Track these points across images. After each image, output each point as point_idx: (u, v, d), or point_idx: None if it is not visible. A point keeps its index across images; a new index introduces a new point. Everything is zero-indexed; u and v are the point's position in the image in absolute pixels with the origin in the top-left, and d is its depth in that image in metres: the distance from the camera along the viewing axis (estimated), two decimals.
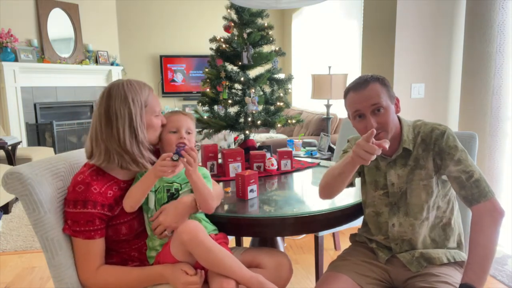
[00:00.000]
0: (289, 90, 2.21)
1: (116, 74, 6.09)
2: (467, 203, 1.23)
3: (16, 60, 4.69)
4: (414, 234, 1.31)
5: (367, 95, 1.25)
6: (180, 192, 1.30)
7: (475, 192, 1.21)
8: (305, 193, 1.59)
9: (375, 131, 1.10)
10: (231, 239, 1.44)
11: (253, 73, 2.14)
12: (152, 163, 1.25)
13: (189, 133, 1.36)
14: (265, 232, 1.41)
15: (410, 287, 1.28)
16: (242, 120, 2.09)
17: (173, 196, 1.30)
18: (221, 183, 1.73)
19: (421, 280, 1.26)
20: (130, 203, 1.23)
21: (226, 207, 1.44)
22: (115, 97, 1.22)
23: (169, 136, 1.34)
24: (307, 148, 3.53)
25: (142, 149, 1.25)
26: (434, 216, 1.31)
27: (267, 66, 2.18)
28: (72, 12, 5.48)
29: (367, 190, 1.40)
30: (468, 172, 1.22)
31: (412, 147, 1.29)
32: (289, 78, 2.21)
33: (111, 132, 1.21)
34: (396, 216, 1.33)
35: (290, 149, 2.04)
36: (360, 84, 1.28)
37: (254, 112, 2.02)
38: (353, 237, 1.52)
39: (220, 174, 1.85)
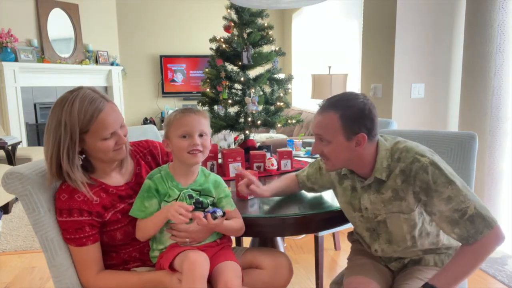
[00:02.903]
0: (289, 90, 2.22)
1: (116, 74, 6.10)
2: (463, 241, 1.12)
3: (16, 60, 4.68)
4: (401, 254, 1.29)
5: (317, 122, 1.20)
6: (201, 199, 1.26)
7: (470, 229, 1.10)
8: (305, 193, 1.59)
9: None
10: (232, 239, 1.43)
11: (253, 73, 2.15)
12: (88, 183, 1.19)
13: (202, 135, 1.23)
14: (265, 232, 1.41)
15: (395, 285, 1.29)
16: (242, 120, 2.09)
17: (198, 202, 1.25)
18: None
19: (398, 278, 1.28)
20: (144, 236, 1.23)
21: None
22: (52, 117, 1.14)
23: (180, 142, 1.21)
24: (307, 148, 3.52)
25: (69, 175, 1.15)
26: (429, 243, 1.26)
27: (267, 66, 2.18)
28: (72, 12, 5.48)
29: (346, 210, 1.34)
30: (461, 210, 1.10)
31: (386, 176, 1.18)
32: (289, 78, 2.21)
33: (44, 147, 1.17)
34: (377, 242, 1.30)
35: (290, 149, 2.04)
36: (321, 108, 1.20)
37: (254, 112, 2.02)
38: (350, 236, 1.52)
39: (220, 174, 1.84)
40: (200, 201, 1.25)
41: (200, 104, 2.19)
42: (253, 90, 2.04)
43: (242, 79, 2.08)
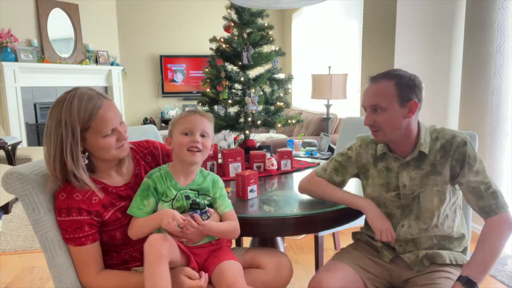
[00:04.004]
0: (289, 90, 2.22)
1: (116, 74, 6.10)
2: (484, 214, 1.24)
3: (16, 60, 4.68)
4: (420, 237, 1.31)
5: (372, 91, 1.27)
6: (198, 200, 1.25)
7: (492, 203, 1.22)
8: None
9: None
10: (231, 240, 1.43)
11: (253, 73, 2.15)
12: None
13: (203, 136, 1.25)
14: (265, 232, 1.41)
15: (410, 286, 1.28)
16: (242, 120, 2.09)
17: (195, 203, 1.24)
18: None
19: (422, 277, 1.27)
20: (136, 235, 1.20)
21: None
22: (52, 118, 1.15)
23: (181, 138, 1.23)
24: (307, 148, 3.53)
25: (74, 175, 1.15)
26: (446, 226, 1.30)
27: (267, 66, 2.18)
28: (72, 12, 5.48)
29: (377, 192, 1.36)
30: (487, 183, 1.23)
31: (429, 151, 1.27)
32: (289, 78, 2.21)
33: (45, 150, 1.17)
34: (407, 218, 1.32)
35: (290, 149, 2.04)
36: (373, 79, 1.29)
37: (254, 112, 2.02)
38: (355, 236, 1.51)
39: (220, 174, 1.84)
40: (197, 202, 1.25)
41: (200, 104, 2.19)
42: (253, 90, 2.04)
43: (242, 79, 2.08)
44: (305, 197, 1.55)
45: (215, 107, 2.16)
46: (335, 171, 1.45)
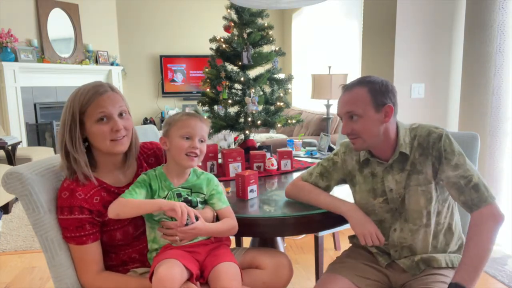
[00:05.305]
0: (289, 90, 2.21)
1: (116, 74, 6.10)
2: (467, 209, 1.21)
3: (16, 60, 4.69)
4: (414, 240, 1.29)
5: (346, 100, 1.27)
6: (190, 198, 1.26)
7: (474, 197, 1.19)
8: None
9: None
10: (231, 239, 1.43)
11: (253, 73, 2.14)
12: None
13: (202, 141, 1.27)
14: (265, 232, 1.41)
15: None
16: (242, 120, 2.09)
17: (187, 201, 1.25)
18: (221, 183, 1.73)
19: (417, 281, 1.26)
20: (117, 211, 1.17)
21: None
22: (64, 106, 1.22)
23: (180, 142, 1.24)
24: (307, 148, 3.53)
25: (74, 157, 1.17)
26: (435, 223, 1.28)
27: (267, 66, 2.18)
28: (72, 12, 5.49)
29: (365, 199, 1.35)
30: (467, 177, 1.19)
31: (409, 151, 1.26)
32: (289, 78, 2.21)
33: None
34: (398, 221, 1.30)
35: (290, 149, 2.04)
36: (348, 87, 1.28)
37: (254, 112, 2.02)
38: (351, 239, 1.50)
39: (220, 174, 1.85)
40: (188, 200, 1.26)
41: (200, 104, 2.19)
42: (253, 90, 2.04)
43: (242, 79, 2.08)
44: None
45: (215, 107, 2.16)
46: (320, 176, 1.44)
